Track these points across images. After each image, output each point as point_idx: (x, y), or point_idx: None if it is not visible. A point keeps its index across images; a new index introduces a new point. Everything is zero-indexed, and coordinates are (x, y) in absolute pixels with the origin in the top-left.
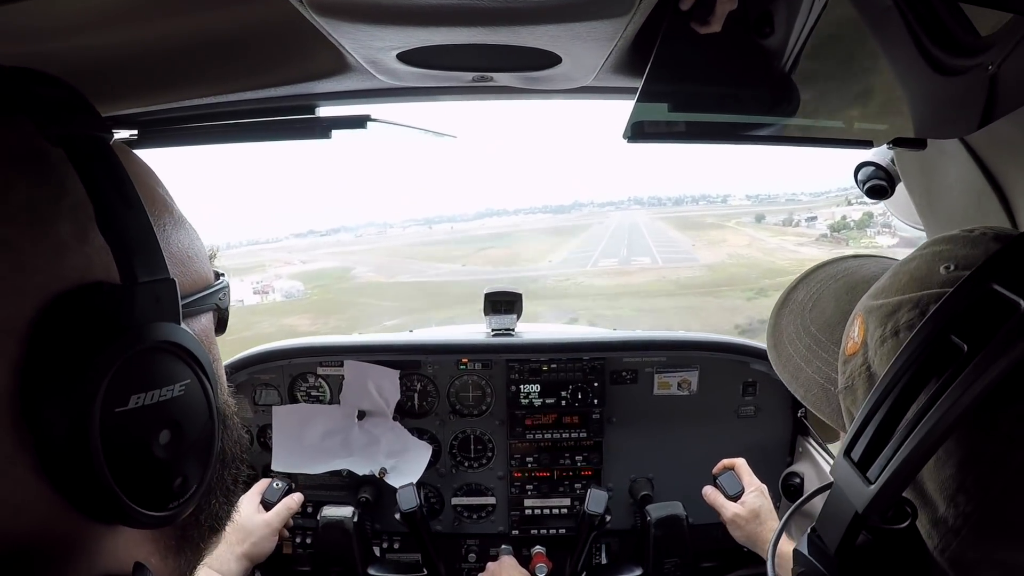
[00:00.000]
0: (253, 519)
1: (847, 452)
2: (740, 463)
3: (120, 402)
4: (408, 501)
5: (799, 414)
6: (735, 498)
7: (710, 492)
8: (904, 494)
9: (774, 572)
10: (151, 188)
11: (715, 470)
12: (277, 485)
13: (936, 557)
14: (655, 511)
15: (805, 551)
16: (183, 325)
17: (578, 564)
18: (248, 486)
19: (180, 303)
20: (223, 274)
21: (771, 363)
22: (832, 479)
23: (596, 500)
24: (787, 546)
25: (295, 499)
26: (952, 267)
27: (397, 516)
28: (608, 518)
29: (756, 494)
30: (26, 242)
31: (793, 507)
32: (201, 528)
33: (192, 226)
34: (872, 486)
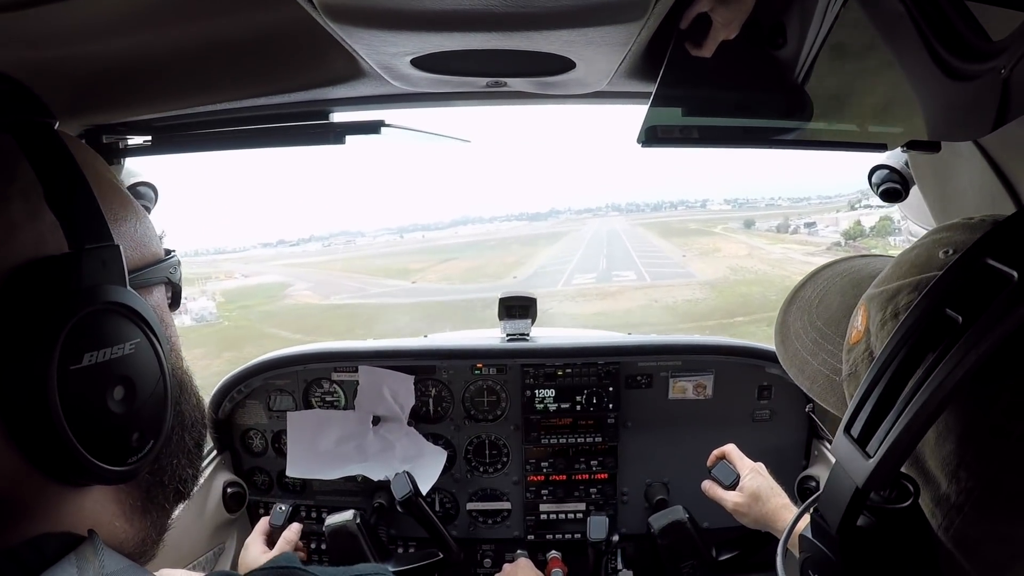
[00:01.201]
0: (260, 560)
1: (847, 429)
2: (730, 449)
3: (74, 360)
4: (402, 488)
5: (807, 409)
6: (733, 486)
7: (708, 487)
8: (907, 472)
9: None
10: (99, 172)
11: (708, 463)
12: (281, 509)
13: (940, 536)
14: (656, 521)
15: (810, 535)
16: (134, 291)
17: None
18: (261, 490)
19: (127, 269)
20: (173, 251)
21: (779, 358)
22: None
23: (597, 527)
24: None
25: (294, 531)
26: (951, 251)
27: (399, 508)
28: (615, 538)
29: (752, 475)
30: None
31: (803, 506)
32: (166, 489)
33: (140, 207)
34: (871, 460)
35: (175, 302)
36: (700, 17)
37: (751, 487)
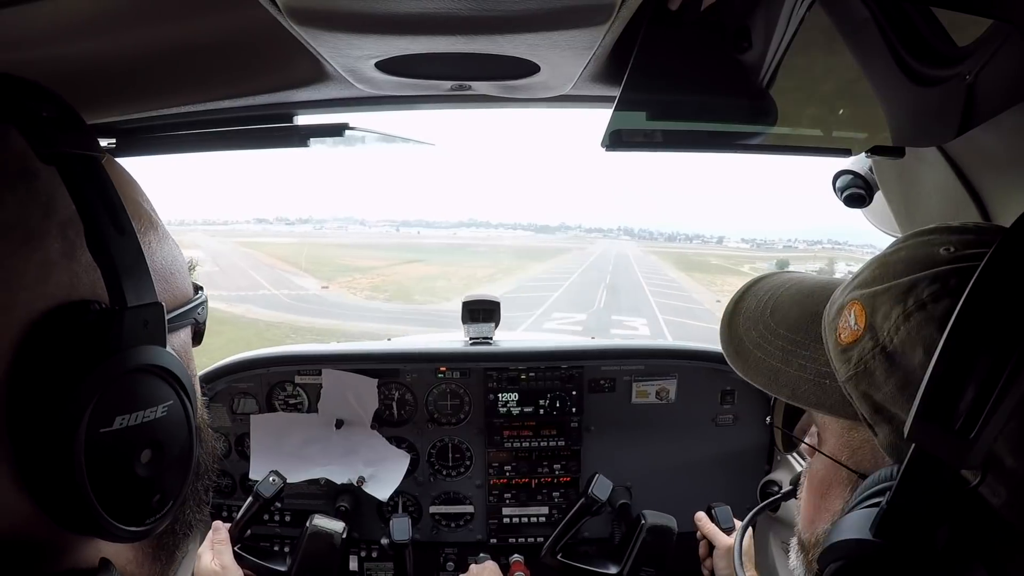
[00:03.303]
0: (212, 569)
1: (925, 416)
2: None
3: (105, 423)
4: (402, 532)
5: (767, 420)
6: (727, 532)
7: (702, 518)
8: None
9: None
10: (137, 203)
11: (707, 509)
12: (273, 480)
13: (1003, 513)
14: (651, 517)
15: (852, 536)
16: (171, 349)
17: (560, 540)
18: (224, 493)
19: (167, 326)
20: (201, 287)
21: (737, 371)
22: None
23: (601, 486)
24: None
25: (221, 534)
26: (952, 249)
27: (385, 541)
28: (609, 509)
29: (749, 534)
30: (14, 259)
31: (759, 507)
32: (176, 536)
33: (174, 240)
34: (970, 439)
35: (196, 339)
36: None
37: (745, 544)
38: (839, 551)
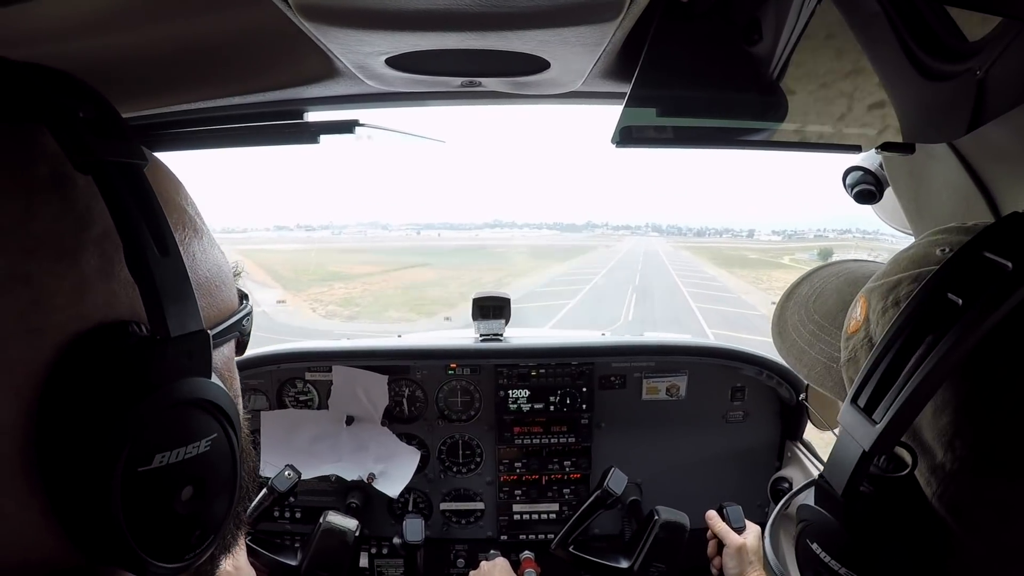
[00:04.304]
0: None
1: (854, 399)
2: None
3: (144, 461)
4: (415, 534)
5: (800, 397)
6: (738, 531)
7: (713, 516)
8: (905, 442)
9: (773, 554)
10: (180, 209)
11: (719, 507)
12: (288, 474)
13: (934, 503)
14: (664, 512)
15: (811, 503)
16: (218, 380)
17: (573, 533)
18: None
19: (212, 355)
20: (247, 295)
21: (776, 349)
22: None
23: (617, 480)
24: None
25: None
26: (947, 250)
27: (397, 540)
28: (620, 504)
29: (755, 537)
30: (48, 277)
31: (784, 500)
32: (214, 561)
33: (219, 246)
34: (877, 425)
35: (240, 349)
36: None
37: (752, 544)
38: (799, 514)
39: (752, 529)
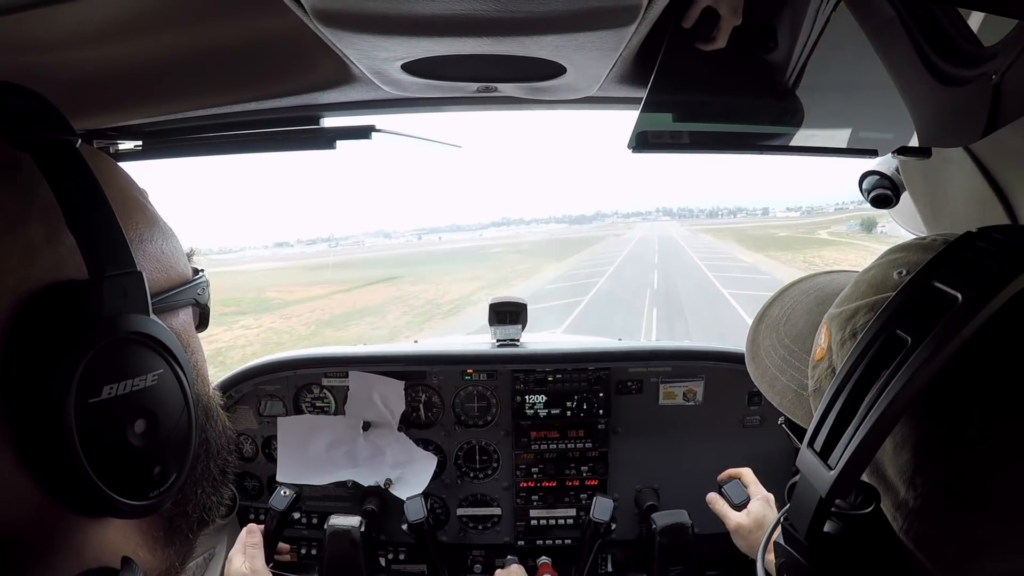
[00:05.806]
0: (242, 572)
1: (810, 443)
2: (746, 472)
3: (93, 393)
4: (416, 512)
5: (779, 421)
6: (740, 507)
7: (715, 499)
8: (868, 481)
9: (764, 572)
10: (123, 189)
11: (720, 478)
12: (285, 493)
13: (902, 537)
14: (660, 519)
15: (783, 542)
16: (157, 318)
17: (583, 573)
18: (251, 495)
19: (150, 295)
20: (202, 270)
21: (751, 376)
22: None
23: (602, 508)
24: None
25: (254, 535)
26: (904, 272)
27: (404, 527)
28: (613, 526)
29: (761, 503)
30: None
31: (781, 513)
32: (190, 519)
33: (168, 225)
34: (832, 471)
35: (203, 323)
36: (706, 12)
37: (758, 514)
38: (775, 550)
39: (757, 497)
